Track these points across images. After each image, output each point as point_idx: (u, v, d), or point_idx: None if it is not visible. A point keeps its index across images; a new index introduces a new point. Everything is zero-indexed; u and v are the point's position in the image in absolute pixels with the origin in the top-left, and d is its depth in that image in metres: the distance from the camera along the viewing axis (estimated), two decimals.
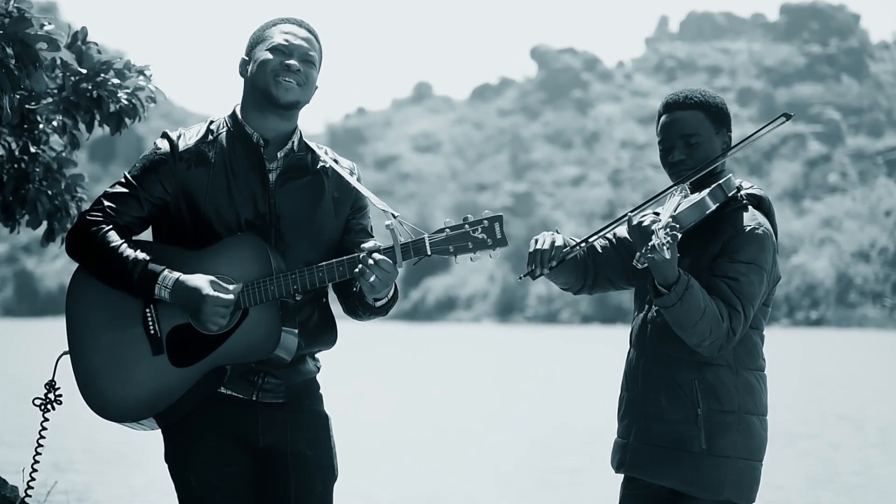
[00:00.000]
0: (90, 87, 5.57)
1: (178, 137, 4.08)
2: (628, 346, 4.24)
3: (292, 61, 4.02)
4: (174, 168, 4.04)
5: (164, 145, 4.08)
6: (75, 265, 4.12)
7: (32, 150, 5.82)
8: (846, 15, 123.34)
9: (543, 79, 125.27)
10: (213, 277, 3.93)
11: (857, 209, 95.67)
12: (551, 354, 47.25)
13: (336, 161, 4.17)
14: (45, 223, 5.93)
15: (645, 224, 3.92)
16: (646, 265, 3.91)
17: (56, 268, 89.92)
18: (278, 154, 4.09)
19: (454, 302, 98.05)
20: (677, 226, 3.85)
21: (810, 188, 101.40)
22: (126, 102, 5.60)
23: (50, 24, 5.21)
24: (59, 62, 5.56)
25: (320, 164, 4.13)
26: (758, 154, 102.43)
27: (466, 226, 3.92)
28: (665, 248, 3.78)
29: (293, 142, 4.11)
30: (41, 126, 5.75)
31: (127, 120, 5.64)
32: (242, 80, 4.11)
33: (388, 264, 3.90)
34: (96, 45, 5.65)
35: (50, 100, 5.59)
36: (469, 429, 19.03)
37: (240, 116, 4.09)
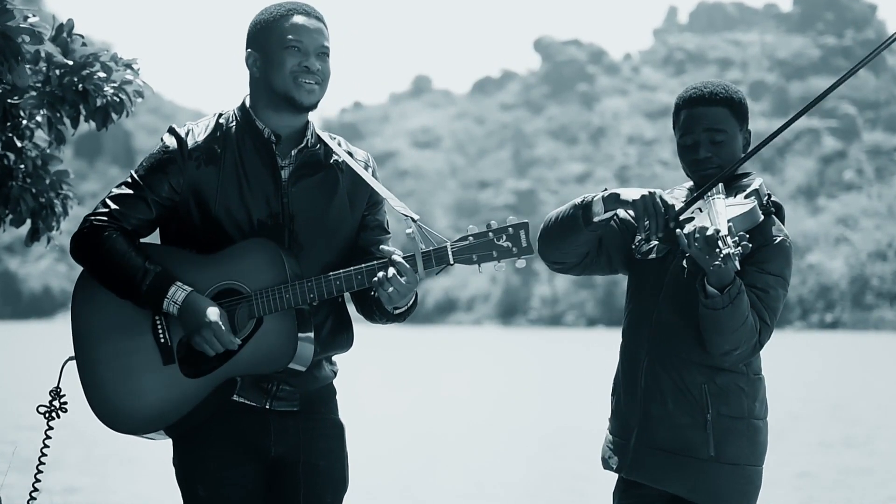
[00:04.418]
0: (76, 81, 5.53)
1: (187, 134, 3.97)
2: (622, 341, 4.18)
3: (311, 61, 3.92)
4: (183, 167, 3.94)
5: (171, 143, 3.96)
6: (61, 266, 4.65)
7: (18, 145, 5.76)
8: (862, 6, 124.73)
9: (547, 72, 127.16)
10: (222, 311, 3.85)
11: (874, 207, 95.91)
12: (555, 358, 47.28)
13: (350, 154, 4.10)
14: (28, 222, 5.88)
15: (710, 234, 3.82)
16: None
17: (40, 268, 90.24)
18: (292, 151, 4.00)
19: (454, 304, 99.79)
20: (746, 235, 3.82)
21: (825, 185, 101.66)
22: (113, 97, 5.56)
23: (34, 15, 5.15)
24: (43, 55, 5.49)
25: (334, 157, 4.06)
26: (771, 150, 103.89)
27: (490, 233, 3.86)
28: (736, 258, 3.76)
29: (308, 138, 4.02)
30: (24, 122, 5.70)
31: (114, 115, 5.62)
32: (249, 73, 4.00)
33: (408, 274, 3.82)
34: (82, 37, 5.57)
35: (34, 94, 5.56)
36: (470, 433, 19.24)
37: (250, 110, 3.99)
